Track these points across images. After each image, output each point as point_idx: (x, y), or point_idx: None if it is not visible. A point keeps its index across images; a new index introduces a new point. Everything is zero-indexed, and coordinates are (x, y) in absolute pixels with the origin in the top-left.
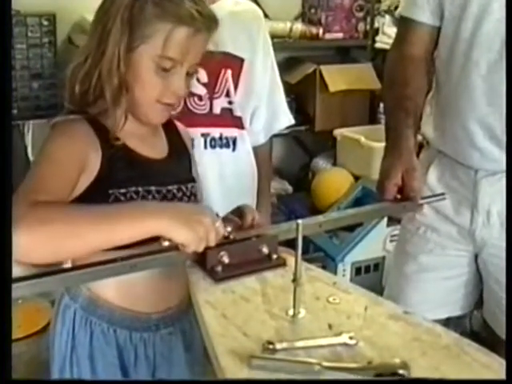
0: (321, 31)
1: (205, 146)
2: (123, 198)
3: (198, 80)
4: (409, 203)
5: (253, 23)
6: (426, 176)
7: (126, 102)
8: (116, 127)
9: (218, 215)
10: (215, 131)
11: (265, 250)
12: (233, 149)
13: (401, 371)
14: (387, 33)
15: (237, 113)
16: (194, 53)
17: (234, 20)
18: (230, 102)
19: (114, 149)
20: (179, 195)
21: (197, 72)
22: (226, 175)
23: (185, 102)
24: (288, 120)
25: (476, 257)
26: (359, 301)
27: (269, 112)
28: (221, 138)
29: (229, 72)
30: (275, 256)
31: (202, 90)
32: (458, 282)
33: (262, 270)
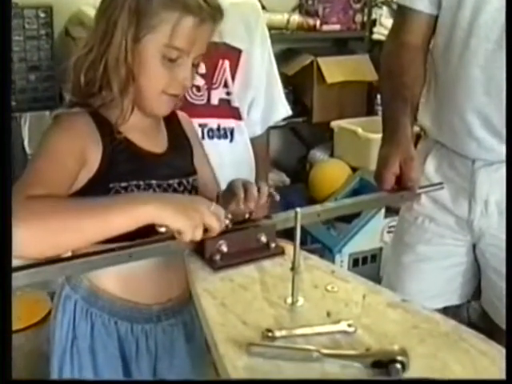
0: (318, 23)
1: (202, 137)
2: (124, 192)
3: (196, 71)
4: (407, 192)
5: (251, 14)
6: (424, 166)
7: (133, 93)
8: (122, 118)
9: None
10: (213, 122)
11: (263, 239)
12: (230, 139)
13: (399, 358)
14: (385, 24)
15: (234, 103)
16: (200, 43)
17: (232, 11)
18: (228, 93)
19: (115, 142)
20: (180, 189)
21: (200, 63)
22: (224, 166)
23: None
24: (285, 111)
25: (474, 246)
26: (357, 289)
27: (266, 103)
28: (218, 129)
29: (226, 63)
30: (273, 245)
31: (200, 81)
32: (456, 272)
33: (261, 259)
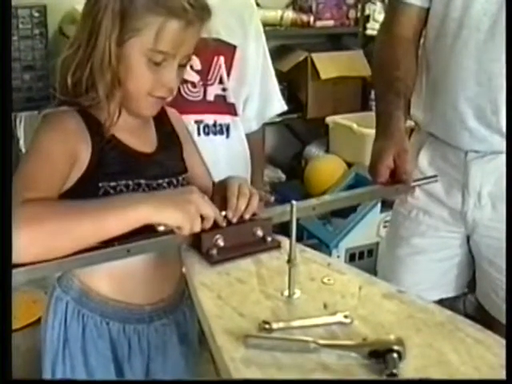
0: (312, 19)
1: (198, 133)
2: (113, 192)
3: (192, 67)
4: (401, 185)
5: (245, 10)
6: (417, 159)
7: (119, 96)
8: (110, 121)
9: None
10: (209, 118)
11: (259, 233)
12: (226, 135)
13: (396, 347)
14: (378, 20)
15: (230, 99)
16: (187, 45)
17: (227, 7)
18: (224, 89)
19: (105, 142)
20: (170, 189)
21: (190, 61)
22: (220, 162)
23: (178, 89)
24: (280, 106)
25: (468, 238)
26: (353, 281)
27: (261, 98)
28: (214, 125)
29: (221, 59)
30: (270, 238)
31: (196, 77)
32: (451, 264)
33: (257, 253)
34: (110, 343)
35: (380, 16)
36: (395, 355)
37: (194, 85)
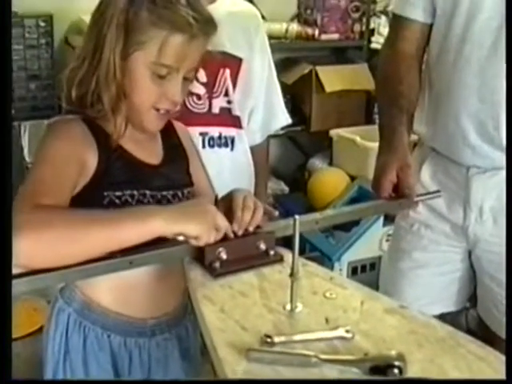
0: (317, 32)
1: (203, 145)
2: (118, 201)
3: (197, 79)
4: (404, 200)
5: (250, 23)
6: (419, 174)
7: (125, 109)
8: (117, 134)
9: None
10: (214, 130)
11: (262, 246)
12: (231, 148)
13: (397, 363)
14: (383, 33)
15: (235, 112)
16: (191, 59)
17: (232, 20)
18: (229, 102)
19: (111, 150)
20: (175, 201)
21: (196, 74)
22: (224, 174)
23: (184, 102)
24: (285, 119)
25: (470, 253)
26: (355, 295)
27: (266, 111)
28: (220, 138)
29: (227, 71)
30: (272, 252)
31: (201, 90)
32: (452, 278)
33: (260, 266)
34: (111, 356)
35: (385, 30)
36: (396, 371)
37: (200, 97)
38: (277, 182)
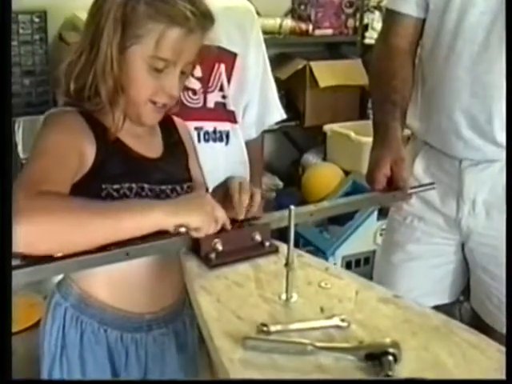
0: (310, 27)
1: (198, 140)
2: (116, 194)
3: (192, 74)
4: (398, 192)
5: (245, 18)
6: (413, 167)
7: (123, 103)
8: (115, 127)
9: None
10: (209, 125)
11: (257, 238)
12: (226, 143)
13: (391, 350)
14: (376, 29)
15: (230, 107)
16: (188, 52)
17: (228, 15)
18: (224, 96)
19: (109, 144)
20: (173, 195)
21: (194, 69)
22: (219, 169)
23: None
24: (280, 114)
25: (463, 246)
26: (350, 285)
27: (261, 106)
28: (214, 132)
29: (222, 66)
30: (268, 243)
31: (196, 84)
32: (446, 270)
33: (255, 257)
34: (108, 351)
35: (378, 25)
36: (391, 358)
37: (195, 92)
38: (271, 177)
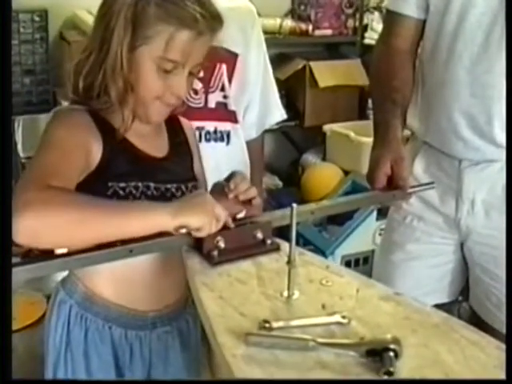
0: (310, 28)
1: (199, 140)
2: (122, 192)
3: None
4: (398, 192)
5: (247, 19)
6: (412, 167)
7: (132, 102)
8: (124, 126)
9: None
10: (210, 125)
11: (259, 236)
12: (227, 142)
13: (392, 346)
14: (376, 29)
15: (231, 107)
16: (197, 54)
17: (229, 16)
18: (225, 97)
19: (116, 143)
20: (178, 194)
21: (201, 70)
22: (220, 169)
23: None
24: (280, 115)
25: (462, 245)
26: (351, 283)
27: (261, 106)
28: (215, 132)
29: (224, 67)
30: (269, 241)
31: (198, 84)
32: (445, 270)
33: (257, 255)
34: (112, 348)
35: (378, 26)
36: (392, 354)
37: (196, 92)
38: (271, 177)
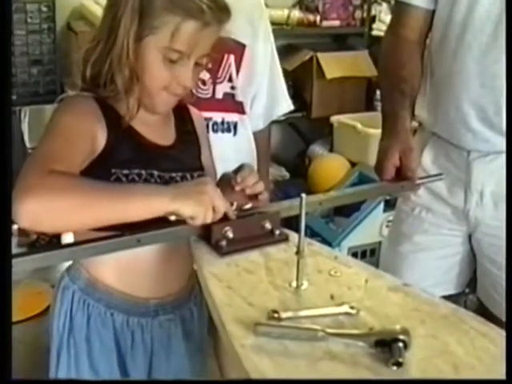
0: (318, 18)
1: (207, 130)
2: (125, 179)
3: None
4: (407, 182)
5: (255, 10)
6: (421, 158)
7: (137, 91)
8: (129, 115)
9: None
10: (217, 116)
11: (268, 226)
12: (234, 133)
13: (401, 337)
14: (384, 20)
15: (238, 98)
16: (203, 45)
17: (236, 7)
18: (233, 87)
19: (121, 130)
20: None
21: (209, 61)
22: (227, 159)
23: None
24: (287, 106)
25: (470, 236)
26: (360, 274)
27: (269, 97)
28: (222, 123)
29: (231, 57)
30: (278, 231)
31: (206, 75)
32: (453, 261)
33: (265, 245)
34: (114, 334)
35: (386, 17)
36: (401, 344)
37: (204, 82)
38: (277, 168)
